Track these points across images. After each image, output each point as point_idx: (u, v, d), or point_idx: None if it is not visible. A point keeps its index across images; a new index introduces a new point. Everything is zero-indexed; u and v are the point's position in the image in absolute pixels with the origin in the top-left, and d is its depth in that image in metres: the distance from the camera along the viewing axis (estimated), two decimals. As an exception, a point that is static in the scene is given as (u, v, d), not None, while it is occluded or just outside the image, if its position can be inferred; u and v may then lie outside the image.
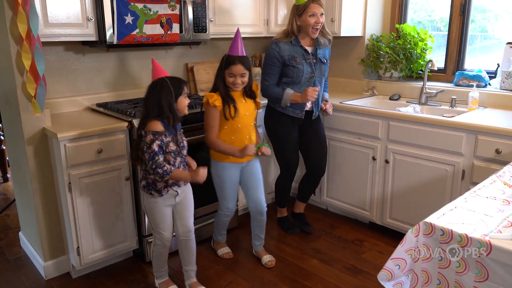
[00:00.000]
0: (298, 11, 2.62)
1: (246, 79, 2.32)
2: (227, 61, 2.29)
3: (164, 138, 2.03)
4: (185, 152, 2.17)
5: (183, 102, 2.10)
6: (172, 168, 2.03)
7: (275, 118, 2.78)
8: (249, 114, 2.41)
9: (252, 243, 2.71)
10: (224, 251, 2.75)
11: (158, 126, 2.02)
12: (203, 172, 2.08)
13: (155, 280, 2.37)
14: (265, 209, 2.58)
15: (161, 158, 2.00)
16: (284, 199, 3.07)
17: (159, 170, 1.99)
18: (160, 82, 2.05)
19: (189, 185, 2.26)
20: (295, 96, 2.64)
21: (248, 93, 2.41)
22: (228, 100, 2.32)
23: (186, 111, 2.14)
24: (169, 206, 2.19)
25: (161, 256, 2.29)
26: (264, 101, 2.80)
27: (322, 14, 2.62)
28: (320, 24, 2.63)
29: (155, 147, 1.99)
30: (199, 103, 2.81)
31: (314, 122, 2.86)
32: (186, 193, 2.24)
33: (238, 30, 2.37)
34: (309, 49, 2.69)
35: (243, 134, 2.39)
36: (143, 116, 2.08)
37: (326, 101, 2.92)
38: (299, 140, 2.86)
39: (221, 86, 2.33)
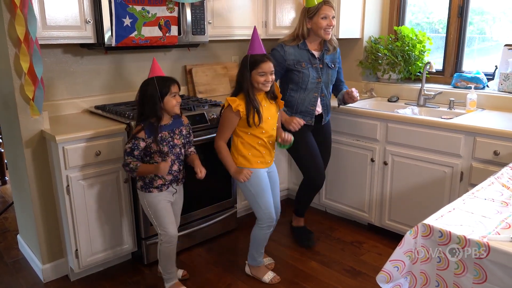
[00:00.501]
0: (309, 14, 2.57)
1: (274, 76, 2.26)
2: (255, 61, 2.18)
3: (140, 143, 2.11)
4: (177, 150, 2.22)
5: (170, 102, 2.13)
6: (138, 165, 2.12)
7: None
8: (272, 118, 2.31)
9: None
10: (271, 275, 2.48)
11: (137, 130, 2.12)
12: (164, 167, 2.11)
13: (165, 284, 2.35)
14: (279, 215, 2.55)
15: (129, 159, 2.12)
16: (304, 208, 2.95)
17: (126, 168, 2.14)
18: (147, 82, 2.13)
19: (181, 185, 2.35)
20: (283, 115, 2.52)
21: (271, 94, 2.32)
22: (253, 104, 2.21)
23: (176, 110, 2.17)
24: (169, 202, 2.25)
25: (169, 256, 2.28)
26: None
27: (333, 17, 2.58)
28: (332, 27, 2.59)
29: (127, 147, 2.13)
30: (197, 105, 2.81)
31: (323, 127, 2.81)
32: (180, 192, 2.35)
33: (255, 28, 2.30)
34: (316, 53, 2.65)
35: (267, 139, 2.31)
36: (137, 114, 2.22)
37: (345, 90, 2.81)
38: None
39: (249, 87, 2.20)
